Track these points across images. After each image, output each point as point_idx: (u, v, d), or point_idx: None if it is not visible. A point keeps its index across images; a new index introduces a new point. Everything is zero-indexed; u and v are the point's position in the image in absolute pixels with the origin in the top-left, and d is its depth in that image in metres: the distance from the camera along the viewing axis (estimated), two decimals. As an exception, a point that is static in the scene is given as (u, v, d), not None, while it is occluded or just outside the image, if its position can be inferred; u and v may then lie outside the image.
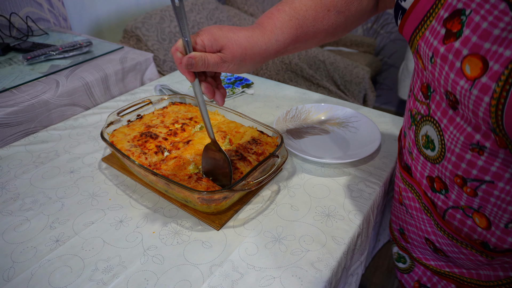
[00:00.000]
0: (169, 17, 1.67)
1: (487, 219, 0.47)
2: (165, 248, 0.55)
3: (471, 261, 0.53)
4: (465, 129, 0.42)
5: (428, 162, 0.51)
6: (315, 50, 1.99)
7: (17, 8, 1.29)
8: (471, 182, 0.45)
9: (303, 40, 0.56)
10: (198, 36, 0.49)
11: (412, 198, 0.58)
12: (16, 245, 0.56)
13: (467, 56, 0.37)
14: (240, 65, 0.51)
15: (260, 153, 0.68)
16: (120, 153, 0.64)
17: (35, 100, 0.89)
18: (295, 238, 0.57)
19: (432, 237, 0.57)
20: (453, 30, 0.39)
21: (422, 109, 0.50)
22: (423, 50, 0.44)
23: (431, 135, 0.48)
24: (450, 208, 0.50)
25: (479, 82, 0.36)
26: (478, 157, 0.42)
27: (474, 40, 0.36)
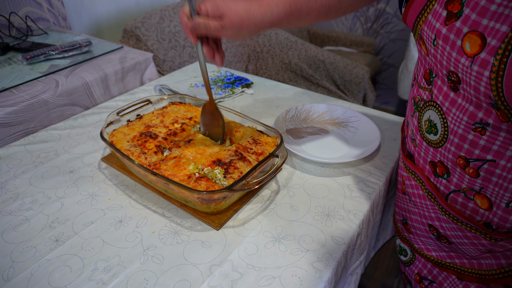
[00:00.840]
0: (169, 17, 1.67)
1: (488, 200, 0.49)
2: (165, 248, 0.55)
3: (474, 245, 0.54)
4: (467, 109, 0.44)
5: (431, 147, 0.53)
6: (314, 50, 1.99)
7: (16, 8, 1.29)
8: (474, 162, 0.47)
9: (297, 17, 0.60)
10: (202, 4, 0.56)
11: (415, 185, 0.60)
12: (15, 245, 0.56)
13: (467, 33, 0.40)
14: (237, 32, 0.57)
15: (259, 153, 0.67)
16: (120, 153, 0.64)
17: (35, 100, 0.89)
18: (295, 238, 0.57)
19: (436, 223, 0.58)
20: (453, 11, 0.41)
21: (425, 95, 0.53)
22: (426, 34, 0.46)
23: (434, 119, 0.51)
24: (452, 192, 0.52)
25: (478, 58, 0.39)
26: (480, 137, 0.45)
27: (473, 17, 0.39)
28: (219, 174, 0.61)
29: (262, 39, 2.03)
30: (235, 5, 0.56)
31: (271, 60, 2.07)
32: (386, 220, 0.84)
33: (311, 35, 2.65)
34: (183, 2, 1.78)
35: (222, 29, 0.57)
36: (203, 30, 0.57)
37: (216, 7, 0.56)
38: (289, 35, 2.04)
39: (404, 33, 2.42)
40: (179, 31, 1.69)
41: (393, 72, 2.58)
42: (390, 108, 2.73)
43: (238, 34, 0.58)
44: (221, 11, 0.56)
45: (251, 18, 0.57)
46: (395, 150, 0.80)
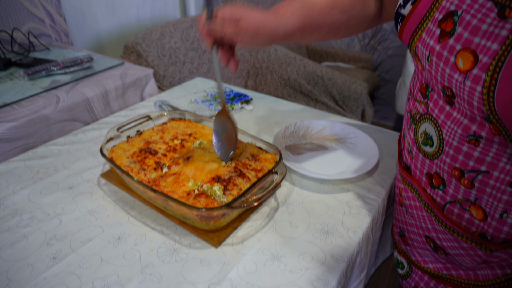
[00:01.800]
0: (169, 33, 1.69)
1: (483, 211, 0.50)
2: (163, 266, 0.55)
3: (470, 256, 0.55)
4: (461, 122, 0.46)
5: (427, 159, 0.54)
6: (313, 65, 2.01)
7: (19, 24, 1.31)
8: (468, 173, 0.48)
9: (309, 30, 0.62)
10: (220, 9, 0.58)
11: (412, 197, 0.61)
12: (12, 263, 0.55)
13: (460, 51, 0.42)
14: (252, 38, 0.59)
15: (259, 169, 0.68)
16: (119, 169, 0.64)
17: (35, 115, 0.89)
18: (294, 256, 0.57)
19: (432, 234, 0.59)
20: (447, 29, 0.44)
21: (421, 108, 0.54)
22: (421, 51, 0.48)
23: (430, 132, 0.52)
24: (448, 203, 0.54)
25: (471, 74, 0.41)
26: (474, 149, 0.46)
27: (466, 35, 0.41)
28: (218, 191, 0.61)
29: (261, 55, 2.05)
30: (251, 12, 0.58)
31: (270, 76, 2.09)
32: (386, 237, 0.83)
33: (309, 51, 2.68)
34: (183, 19, 1.81)
35: (238, 34, 0.58)
36: (219, 33, 0.58)
37: (233, 12, 0.57)
38: (288, 51, 2.07)
39: (401, 49, 2.45)
40: (179, 47, 1.71)
41: (391, 88, 2.61)
42: (389, 123, 2.74)
43: (253, 41, 0.59)
44: (237, 16, 0.57)
45: (267, 26, 0.58)
46: (393, 166, 0.80)
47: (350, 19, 0.63)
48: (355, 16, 0.63)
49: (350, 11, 0.63)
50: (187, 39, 1.76)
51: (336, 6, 0.62)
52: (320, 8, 0.61)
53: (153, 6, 1.96)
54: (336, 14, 0.62)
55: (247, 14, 0.58)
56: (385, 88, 2.64)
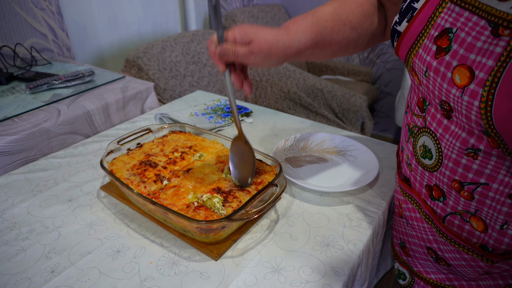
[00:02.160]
0: (170, 47, 1.71)
1: (483, 222, 0.50)
2: (163, 279, 0.54)
3: (472, 267, 0.55)
4: (460, 135, 0.47)
5: (426, 172, 0.55)
6: (312, 79, 2.03)
7: (22, 39, 1.33)
8: (468, 185, 0.49)
9: (320, 47, 0.63)
10: (230, 31, 0.57)
11: (412, 209, 0.61)
12: (10, 276, 0.55)
13: (456, 66, 0.43)
14: (265, 58, 0.57)
15: (259, 182, 0.68)
16: (119, 182, 0.64)
17: (36, 129, 0.90)
18: (294, 269, 0.57)
19: (434, 245, 0.59)
20: (443, 46, 0.45)
21: (419, 121, 0.55)
22: (418, 66, 0.49)
23: (428, 145, 0.53)
24: (449, 215, 0.54)
25: (468, 89, 0.42)
26: (473, 161, 0.47)
27: (462, 52, 0.42)
28: (217, 203, 0.61)
29: (262, 68, 2.07)
30: (263, 32, 0.57)
31: (270, 89, 2.11)
32: (387, 250, 0.83)
33: (309, 65, 2.71)
34: (184, 33, 1.83)
35: (251, 55, 0.56)
36: (231, 56, 0.56)
37: (245, 33, 0.56)
38: (288, 64, 2.09)
39: (400, 63, 2.47)
40: (180, 61, 1.73)
41: (390, 100, 2.62)
42: (388, 135, 2.75)
43: (266, 61, 0.58)
44: (249, 37, 0.56)
45: (280, 44, 0.57)
46: (393, 178, 0.80)
47: (359, 36, 0.65)
48: (363, 33, 0.65)
49: (360, 28, 0.64)
50: (188, 53, 1.78)
51: (346, 23, 0.63)
52: (332, 25, 0.62)
53: (155, 21, 1.99)
54: (346, 32, 0.63)
55: (259, 34, 0.56)
56: (385, 101, 2.66)
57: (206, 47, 1.87)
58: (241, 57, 0.56)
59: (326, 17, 0.62)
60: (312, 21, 0.61)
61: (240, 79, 0.60)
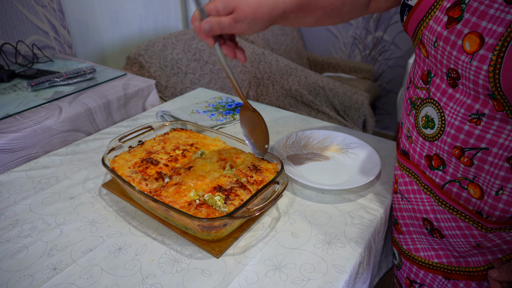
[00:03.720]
0: (171, 45, 1.71)
1: (480, 189, 0.53)
2: (164, 277, 0.55)
3: (465, 237, 0.57)
4: (464, 102, 0.50)
5: (427, 142, 0.57)
6: (314, 76, 2.02)
7: (24, 36, 1.33)
8: (469, 151, 0.51)
9: (305, 11, 0.61)
10: (211, 3, 0.55)
11: (409, 182, 0.64)
12: (12, 273, 0.55)
13: (467, 34, 0.45)
14: (251, 23, 0.56)
15: (260, 180, 0.68)
16: (121, 179, 0.64)
17: (38, 126, 0.90)
18: (296, 267, 0.57)
19: (430, 216, 0.61)
20: (454, 16, 0.47)
21: (422, 93, 0.58)
22: (427, 37, 0.52)
23: (431, 114, 0.55)
24: (447, 183, 0.57)
25: (477, 55, 0.44)
26: (475, 127, 0.50)
27: (474, 20, 0.45)
28: (219, 201, 0.61)
29: (263, 65, 2.07)
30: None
31: (272, 87, 2.10)
32: (388, 247, 0.83)
33: (310, 62, 2.70)
34: (185, 31, 1.83)
35: (236, 23, 0.55)
36: (217, 29, 0.54)
37: (227, 3, 0.54)
38: (289, 62, 2.08)
39: (402, 60, 2.46)
40: (181, 58, 1.72)
41: (392, 98, 2.62)
42: (390, 133, 2.74)
43: (252, 26, 0.56)
44: (232, 5, 0.54)
45: (264, 6, 0.56)
46: (395, 176, 0.80)
47: (344, 4, 0.64)
48: (348, 1, 0.64)
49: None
50: (189, 50, 1.78)
51: None
52: None
53: (156, 18, 1.98)
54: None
55: (239, 1, 0.54)
56: (386, 98, 2.65)
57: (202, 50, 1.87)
58: (227, 27, 0.55)
59: None
60: None
61: (232, 49, 0.59)
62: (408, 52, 2.41)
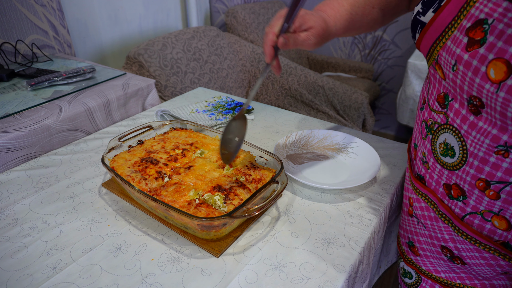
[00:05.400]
0: (171, 44, 1.71)
1: (507, 221, 0.48)
2: (164, 276, 0.55)
3: (491, 266, 0.53)
4: (489, 132, 0.45)
5: (445, 170, 0.53)
6: (314, 75, 2.02)
7: (23, 36, 1.33)
8: (495, 184, 0.47)
9: (350, 31, 0.68)
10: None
11: (425, 207, 0.60)
12: (12, 273, 0.55)
13: (492, 60, 0.40)
14: (318, 43, 0.62)
15: (258, 178, 0.68)
16: (121, 179, 0.64)
17: (37, 126, 0.90)
18: (296, 266, 0.57)
19: (450, 244, 0.57)
20: (476, 38, 0.42)
21: (439, 118, 0.53)
22: (445, 59, 0.47)
23: (450, 142, 0.51)
24: (468, 215, 0.52)
25: (505, 85, 0.39)
26: (503, 160, 0.45)
27: (500, 45, 0.40)
28: (218, 200, 0.61)
29: (262, 65, 2.07)
30: (315, 17, 0.61)
31: (271, 86, 2.10)
32: (388, 247, 0.83)
33: (310, 61, 2.70)
34: (185, 30, 1.83)
35: (308, 39, 0.60)
36: (292, 43, 0.59)
37: (304, 21, 0.59)
38: (289, 61, 2.08)
39: (401, 60, 2.47)
40: (181, 57, 1.72)
41: (392, 97, 2.62)
42: (390, 132, 2.74)
43: (317, 44, 0.62)
44: (308, 24, 0.60)
45: (328, 30, 0.62)
46: (395, 175, 0.80)
47: (385, 15, 0.68)
48: (389, 12, 0.68)
49: (386, 8, 0.67)
50: (189, 50, 1.78)
51: (375, 6, 0.66)
52: (362, 11, 0.66)
53: (155, 18, 1.98)
54: (374, 14, 0.67)
55: (314, 20, 0.60)
56: (386, 97, 2.65)
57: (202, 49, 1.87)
58: (301, 42, 0.60)
59: (359, 2, 0.66)
60: (347, 9, 0.65)
61: (279, 64, 0.64)
62: (408, 51, 2.41)
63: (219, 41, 1.96)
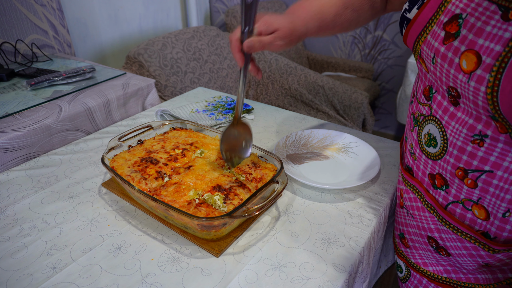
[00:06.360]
0: (171, 44, 1.71)
1: (485, 210, 0.51)
2: (164, 276, 0.55)
3: (472, 257, 0.55)
4: (466, 122, 0.47)
5: (430, 160, 0.55)
6: (314, 75, 2.02)
7: (23, 35, 1.33)
8: (472, 173, 0.49)
9: (323, 32, 0.67)
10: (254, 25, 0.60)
11: (413, 198, 0.62)
12: (12, 272, 0.55)
13: (464, 52, 0.43)
14: (287, 43, 0.62)
15: (259, 177, 0.68)
16: (121, 179, 0.64)
17: (37, 125, 0.90)
18: (295, 266, 0.57)
19: (435, 234, 0.59)
20: (451, 31, 0.45)
21: (424, 110, 0.56)
22: (426, 53, 0.50)
23: (433, 133, 0.53)
24: (451, 203, 0.54)
25: (475, 75, 0.42)
26: (478, 149, 0.47)
27: (470, 37, 0.42)
28: (218, 200, 0.61)
29: (262, 65, 2.07)
30: (282, 19, 0.61)
31: (271, 86, 2.10)
32: (388, 246, 0.83)
33: (310, 61, 2.70)
34: (185, 30, 1.83)
35: (275, 41, 0.60)
36: (258, 46, 0.60)
37: (269, 24, 0.60)
38: (289, 61, 2.08)
39: (401, 59, 2.46)
40: (181, 57, 1.72)
41: (392, 97, 2.62)
42: (390, 132, 2.74)
43: (285, 46, 0.63)
44: (274, 27, 0.60)
45: (296, 31, 0.62)
46: (395, 175, 0.80)
47: (360, 16, 0.68)
48: (364, 14, 0.68)
49: (360, 9, 0.67)
50: (189, 50, 1.78)
51: (348, 7, 0.66)
52: (335, 11, 0.65)
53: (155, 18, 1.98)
54: (348, 14, 0.67)
55: (280, 22, 0.60)
56: (386, 97, 2.65)
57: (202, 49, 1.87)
58: (267, 44, 0.60)
59: (331, 2, 0.66)
60: (317, 9, 0.65)
61: (255, 66, 0.65)
62: (408, 51, 2.41)
63: (219, 40, 1.96)
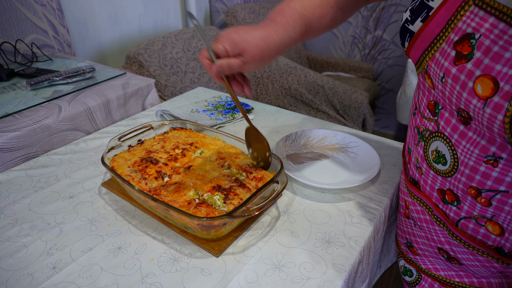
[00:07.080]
0: (171, 44, 1.71)
1: (500, 227, 0.49)
2: (164, 276, 0.55)
3: (486, 268, 0.54)
4: (479, 142, 0.45)
5: (439, 176, 0.53)
6: (314, 75, 2.02)
7: (23, 35, 1.33)
8: (486, 192, 0.47)
9: (310, 34, 0.63)
10: (219, 43, 0.56)
11: (421, 211, 0.60)
12: (12, 272, 0.55)
13: (479, 76, 0.40)
14: (259, 63, 0.58)
15: (259, 178, 0.68)
16: (120, 178, 0.64)
17: (37, 125, 0.90)
18: (295, 266, 0.57)
19: (446, 247, 0.58)
20: (463, 52, 0.42)
21: (430, 125, 0.53)
22: (433, 70, 0.47)
23: (442, 150, 0.50)
24: (463, 219, 0.52)
25: (491, 101, 0.39)
26: (492, 169, 0.45)
27: (486, 62, 0.39)
28: (218, 200, 0.61)
29: (262, 65, 2.07)
30: (252, 37, 0.55)
31: (271, 86, 2.10)
32: (388, 246, 0.83)
33: (310, 61, 2.70)
34: (185, 30, 1.83)
35: (245, 65, 0.57)
36: (227, 70, 0.57)
37: (235, 45, 0.55)
38: (289, 61, 2.08)
39: (401, 59, 2.46)
40: (181, 57, 1.72)
41: (392, 97, 2.62)
42: (390, 132, 2.74)
43: (260, 65, 0.58)
44: (240, 48, 0.55)
45: (271, 46, 0.56)
46: (395, 175, 0.80)
47: (345, 12, 0.64)
48: (348, 9, 0.64)
49: (345, 6, 0.63)
50: (189, 50, 1.78)
51: (333, 5, 0.62)
52: (320, 12, 0.61)
53: (155, 17, 1.98)
54: (333, 13, 0.63)
55: (249, 42, 0.55)
56: (386, 97, 2.65)
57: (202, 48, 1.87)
58: (237, 68, 0.57)
59: (314, 3, 0.60)
60: (300, 12, 0.59)
61: (240, 85, 0.62)
62: (408, 51, 2.40)
63: (219, 40, 1.96)
